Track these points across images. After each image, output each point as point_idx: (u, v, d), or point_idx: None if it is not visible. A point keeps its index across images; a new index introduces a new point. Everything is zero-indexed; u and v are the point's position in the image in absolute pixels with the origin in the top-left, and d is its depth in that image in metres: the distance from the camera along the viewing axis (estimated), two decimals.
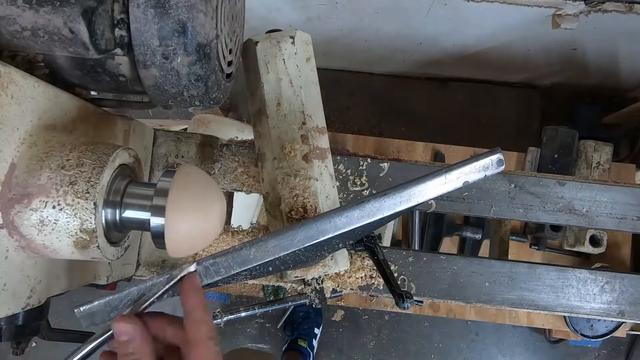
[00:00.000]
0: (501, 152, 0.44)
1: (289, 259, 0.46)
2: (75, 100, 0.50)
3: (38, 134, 0.44)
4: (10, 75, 0.40)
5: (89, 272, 0.57)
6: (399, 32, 1.57)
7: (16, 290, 0.43)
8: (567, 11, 1.28)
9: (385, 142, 1.43)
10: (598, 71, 1.73)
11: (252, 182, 0.70)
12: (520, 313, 1.35)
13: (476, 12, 1.35)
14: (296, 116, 0.60)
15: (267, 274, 0.50)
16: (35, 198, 0.41)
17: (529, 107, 1.99)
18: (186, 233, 0.45)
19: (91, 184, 0.42)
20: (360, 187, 0.72)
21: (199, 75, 0.47)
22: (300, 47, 0.61)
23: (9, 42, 0.44)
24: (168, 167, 0.71)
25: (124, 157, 0.47)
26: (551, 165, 1.38)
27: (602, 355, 1.97)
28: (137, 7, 0.43)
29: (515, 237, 1.38)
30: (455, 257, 0.70)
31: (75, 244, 0.42)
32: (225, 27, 0.51)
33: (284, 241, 0.43)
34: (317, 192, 0.59)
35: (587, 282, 0.70)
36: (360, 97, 2.02)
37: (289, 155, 0.59)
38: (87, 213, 0.42)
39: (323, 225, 0.44)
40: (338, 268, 0.61)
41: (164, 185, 0.45)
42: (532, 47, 1.58)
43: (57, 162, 0.42)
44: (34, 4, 0.42)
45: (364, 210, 0.44)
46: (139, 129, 0.66)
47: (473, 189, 0.71)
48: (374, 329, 1.96)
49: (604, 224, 0.72)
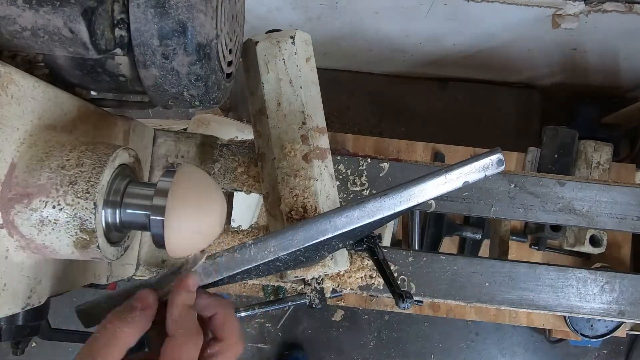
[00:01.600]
0: (501, 152, 0.44)
1: (289, 259, 0.46)
2: (75, 100, 0.50)
3: (38, 134, 0.44)
4: (10, 75, 0.40)
5: (89, 272, 0.57)
6: (399, 32, 1.57)
7: (16, 290, 0.43)
8: (567, 11, 1.28)
9: (385, 142, 1.43)
10: (598, 71, 1.73)
11: (252, 182, 0.70)
12: (520, 313, 1.35)
13: (476, 12, 1.35)
14: (296, 116, 0.60)
15: (267, 274, 0.50)
16: (35, 198, 0.41)
17: (529, 107, 1.99)
18: (186, 233, 0.45)
19: (91, 183, 0.42)
20: (360, 187, 0.72)
21: (199, 75, 0.47)
22: (300, 47, 0.61)
23: (9, 42, 0.44)
24: (168, 167, 0.71)
25: (124, 157, 0.47)
26: (551, 165, 1.38)
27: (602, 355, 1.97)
28: (137, 7, 0.43)
29: (515, 237, 1.38)
30: (455, 257, 0.70)
31: (75, 244, 0.42)
32: (225, 27, 0.51)
33: (284, 241, 0.43)
34: (317, 192, 0.59)
35: (587, 282, 0.70)
36: (361, 97, 2.02)
37: (289, 155, 0.59)
38: (87, 213, 0.42)
39: (323, 225, 0.44)
40: (338, 268, 0.61)
41: (164, 185, 0.45)
42: (532, 47, 1.58)
43: (57, 162, 0.42)
44: (34, 4, 0.41)
45: (364, 210, 0.44)
46: (139, 129, 0.66)
47: (473, 189, 0.71)
48: (374, 329, 1.96)
49: (604, 224, 0.72)
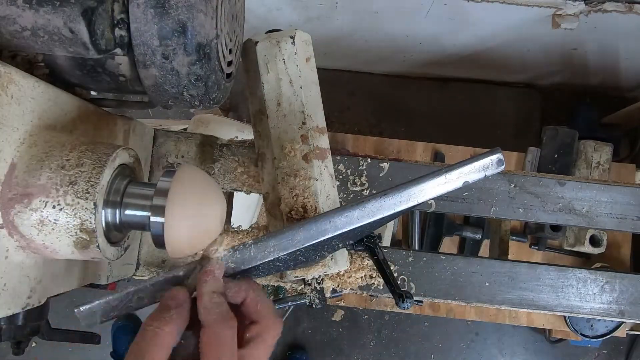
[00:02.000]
0: (501, 152, 0.44)
1: (289, 259, 0.46)
2: (75, 100, 0.50)
3: (38, 134, 0.44)
4: (10, 75, 0.40)
5: (89, 272, 0.57)
6: (399, 32, 1.57)
7: (16, 290, 0.43)
8: (567, 11, 1.28)
9: (385, 142, 1.43)
10: (598, 71, 1.73)
11: (252, 182, 0.70)
12: (520, 313, 1.35)
13: (476, 12, 1.35)
14: (296, 116, 0.60)
15: (267, 274, 0.50)
16: (35, 198, 0.41)
17: (529, 107, 1.99)
18: (186, 233, 0.45)
19: (91, 183, 0.42)
20: (360, 187, 0.72)
21: (199, 75, 0.47)
22: (300, 47, 0.61)
23: (9, 42, 0.44)
24: (168, 167, 0.71)
25: (124, 157, 0.47)
26: (551, 165, 1.38)
27: (602, 355, 1.97)
28: (137, 7, 0.43)
29: (515, 237, 1.38)
30: (455, 257, 0.70)
31: (75, 244, 0.42)
32: (225, 27, 0.51)
33: (284, 241, 0.43)
34: (317, 192, 0.59)
35: (587, 282, 0.70)
36: (360, 97, 2.02)
37: (289, 155, 0.59)
38: (87, 213, 0.41)
39: (323, 225, 0.44)
40: (338, 268, 0.61)
41: (164, 185, 0.45)
42: (532, 47, 1.58)
43: (57, 162, 0.42)
44: (34, 4, 0.41)
45: (364, 210, 0.44)
46: (139, 129, 0.66)
47: (473, 189, 0.71)
48: (374, 329, 1.96)
49: (604, 224, 0.72)
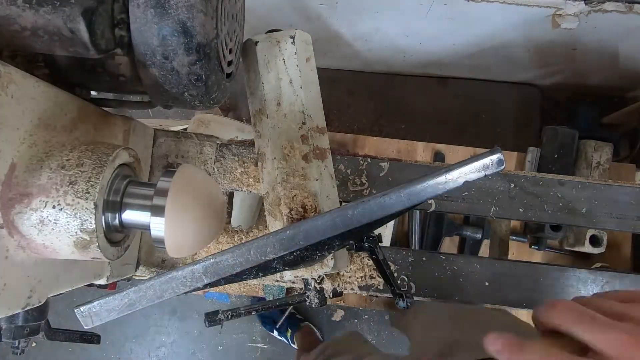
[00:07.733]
0: (501, 151, 0.44)
1: (289, 259, 0.46)
2: (75, 100, 0.50)
3: (38, 134, 0.44)
4: (10, 75, 0.40)
5: (89, 272, 0.57)
6: (399, 32, 1.57)
7: (16, 290, 0.43)
8: (567, 11, 1.28)
9: (385, 142, 1.43)
10: (598, 71, 1.73)
11: (252, 182, 0.70)
12: (520, 313, 1.35)
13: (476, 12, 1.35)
14: (296, 116, 0.60)
15: (268, 274, 0.50)
16: (35, 198, 0.41)
17: (529, 106, 1.99)
18: (186, 233, 0.45)
19: (91, 183, 0.42)
20: (360, 187, 0.72)
21: (199, 75, 0.47)
22: (300, 47, 0.61)
23: (9, 42, 0.44)
24: (168, 167, 0.71)
25: (124, 157, 0.47)
26: (551, 165, 1.38)
27: None
28: (137, 7, 0.43)
29: (515, 237, 1.38)
30: (455, 257, 0.70)
31: (75, 244, 0.42)
32: (225, 27, 0.51)
33: (284, 241, 0.43)
34: (317, 192, 0.59)
35: (587, 282, 0.70)
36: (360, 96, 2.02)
37: (289, 155, 0.59)
38: (87, 213, 0.41)
39: (323, 225, 0.44)
40: (338, 268, 0.61)
41: (164, 185, 0.45)
42: (532, 47, 1.58)
43: (57, 162, 0.42)
44: (34, 4, 0.41)
45: (364, 210, 0.44)
46: (139, 129, 0.66)
47: (473, 189, 0.71)
48: (374, 329, 1.96)
49: (604, 224, 0.72)
